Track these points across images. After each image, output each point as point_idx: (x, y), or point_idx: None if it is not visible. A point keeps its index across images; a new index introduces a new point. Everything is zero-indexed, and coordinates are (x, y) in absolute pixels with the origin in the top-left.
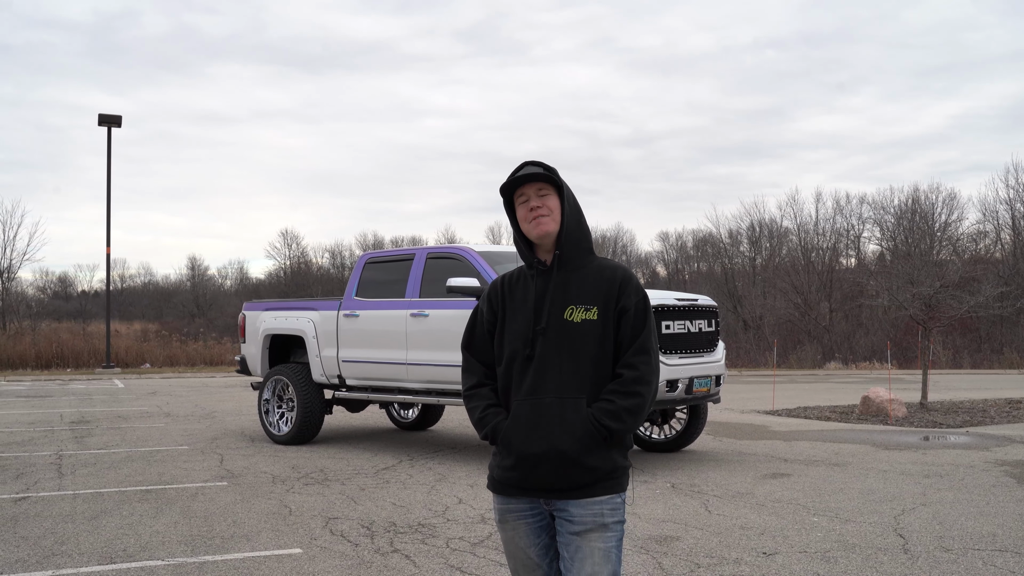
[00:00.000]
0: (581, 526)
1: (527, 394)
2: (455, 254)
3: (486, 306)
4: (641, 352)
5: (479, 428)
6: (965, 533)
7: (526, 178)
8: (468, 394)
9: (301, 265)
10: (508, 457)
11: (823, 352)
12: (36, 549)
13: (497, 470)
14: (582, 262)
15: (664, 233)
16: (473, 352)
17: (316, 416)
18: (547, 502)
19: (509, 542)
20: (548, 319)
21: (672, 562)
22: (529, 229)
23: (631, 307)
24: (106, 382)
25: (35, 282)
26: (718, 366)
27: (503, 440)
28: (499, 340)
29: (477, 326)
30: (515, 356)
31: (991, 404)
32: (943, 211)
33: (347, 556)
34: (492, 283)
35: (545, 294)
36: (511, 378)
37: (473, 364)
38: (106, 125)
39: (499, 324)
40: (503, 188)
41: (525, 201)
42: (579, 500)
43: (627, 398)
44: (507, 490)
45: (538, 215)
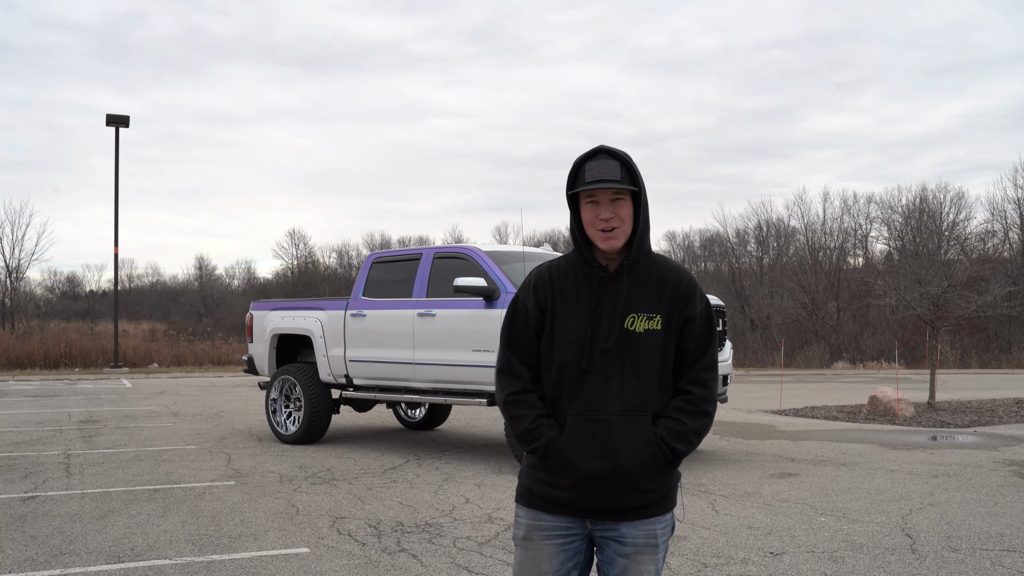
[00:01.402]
0: (632, 547)
1: (586, 410)
2: (462, 254)
3: (532, 301)
4: (709, 367)
5: (526, 440)
6: (973, 533)
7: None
8: (512, 399)
9: (308, 265)
10: (561, 476)
11: (830, 352)
12: (44, 548)
13: (540, 485)
14: (644, 264)
15: (671, 233)
16: (516, 352)
17: (323, 416)
18: (594, 523)
19: (529, 562)
20: (610, 332)
21: (679, 562)
22: (596, 238)
23: (697, 317)
24: (114, 382)
25: (43, 282)
26: (725, 366)
27: (559, 458)
28: (547, 344)
29: (519, 322)
30: (567, 366)
31: (999, 404)
32: (951, 210)
33: (354, 555)
34: (537, 275)
35: (604, 302)
36: (561, 389)
37: (516, 366)
38: (114, 125)
39: (548, 326)
40: (571, 181)
41: (594, 203)
42: (633, 521)
43: (696, 418)
44: (550, 507)
45: (610, 227)
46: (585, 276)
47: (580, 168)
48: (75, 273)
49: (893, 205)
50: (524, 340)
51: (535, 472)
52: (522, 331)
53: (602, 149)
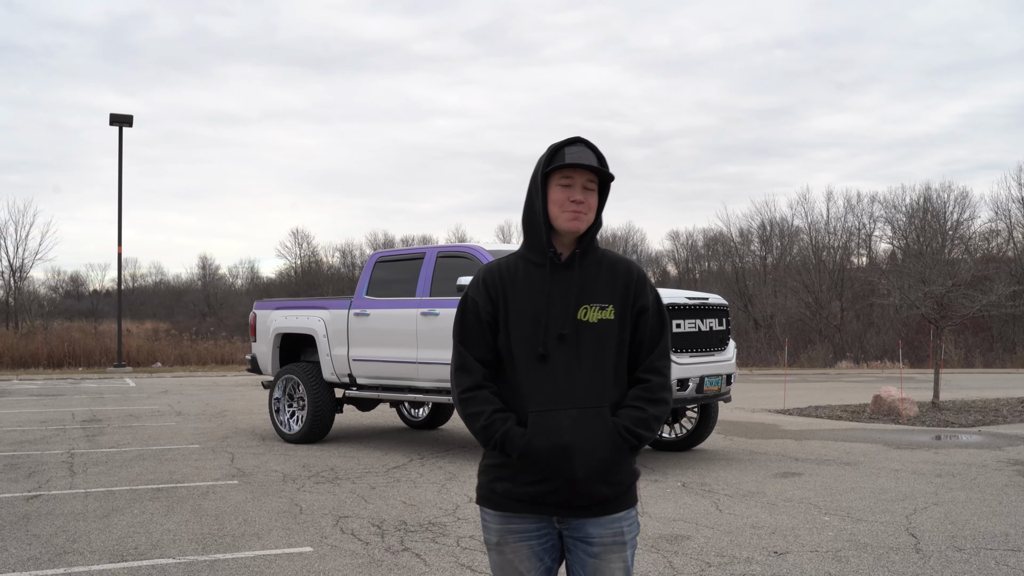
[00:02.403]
0: (600, 547)
1: (546, 403)
2: (465, 253)
3: (482, 296)
4: (663, 355)
5: (484, 435)
6: (977, 532)
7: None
8: (466, 396)
9: (312, 264)
10: (524, 472)
11: (834, 351)
12: (48, 547)
13: (502, 484)
14: (594, 256)
15: (675, 232)
16: (470, 348)
17: (327, 415)
18: (561, 520)
19: (506, 566)
20: (565, 319)
21: (683, 561)
22: (561, 219)
23: (650, 307)
24: (117, 381)
25: (47, 281)
26: (729, 365)
27: (523, 453)
28: (504, 337)
29: (469, 318)
30: (524, 359)
31: (1003, 403)
32: (955, 210)
33: (358, 555)
34: (486, 271)
35: (557, 289)
36: (519, 383)
37: (470, 362)
38: (117, 125)
39: (501, 319)
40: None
41: (568, 186)
42: (598, 519)
43: (655, 405)
44: (515, 506)
45: (578, 211)
46: (536, 266)
47: (559, 151)
48: (79, 272)
49: (897, 204)
50: (476, 336)
51: (495, 470)
52: (473, 326)
53: (581, 139)
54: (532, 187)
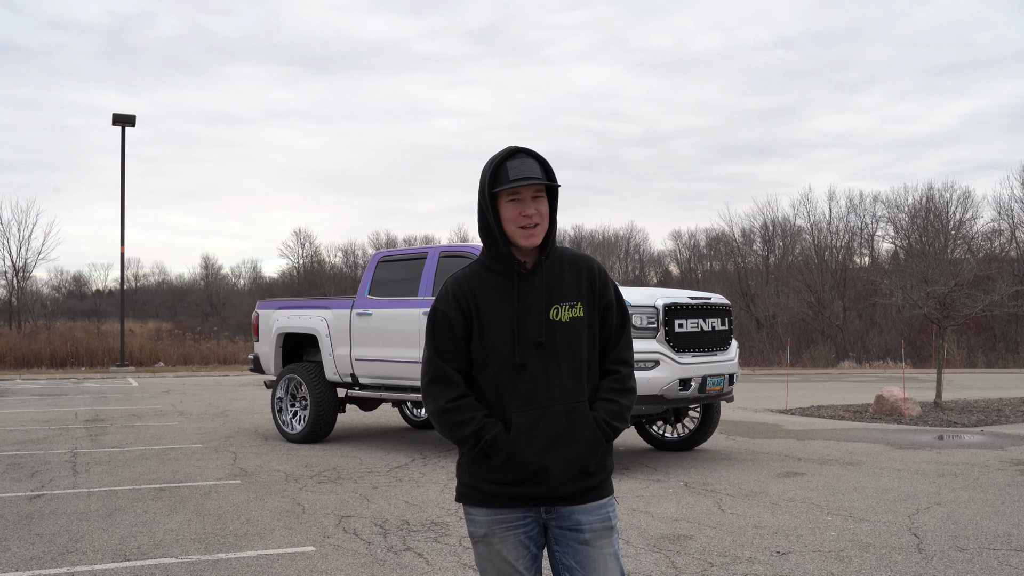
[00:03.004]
0: (590, 533)
1: (527, 403)
2: (468, 253)
3: (454, 310)
4: (628, 345)
5: (473, 441)
6: (980, 532)
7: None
8: (451, 406)
9: (314, 264)
10: (512, 471)
11: (837, 351)
12: (51, 546)
13: (489, 484)
14: (556, 257)
15: (677, 232)
16: (447, 360)
17: (329, 415)
18: (548, 510)
19: (494, 556)
20: (539, 325)
21: (685, 561)
22: (516, 235)
23: (614, 301)
24: (120, 381)
25: (50, 281)
26: (731, 365)
27: (509, 455)
28: (479, 346)
29: (442, 330)
30: (503, 364)
31: (1006, 403)
32: (957, 209)
33: (360, 554)
34: (454, 283)
35: (527, 297)
36: (501, 387)
37: (450, 373)
38: (120, 125)
39: (475, 329)
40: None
41: (517, 201)
42: (584, 506)
43: (626, 396)
44: (504, 502)
45: (532, 223)
46: (501, 275)
47: (500, 167)
48: (81, 272)
49: (899, 204)
50: (452, 347)
51: (481, 471)
52: (447, 339)
53: (519, 149)
54: (482, 203)
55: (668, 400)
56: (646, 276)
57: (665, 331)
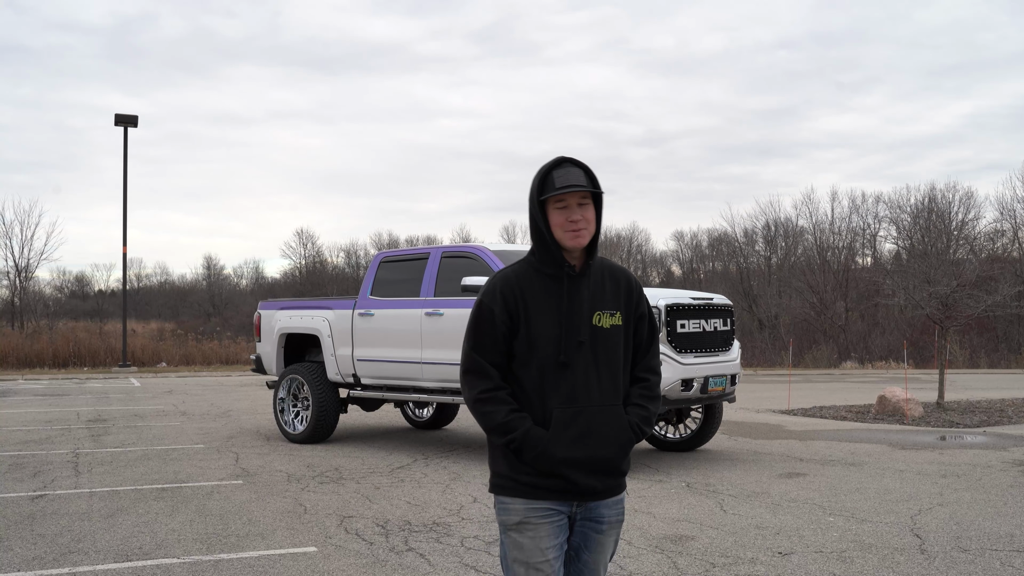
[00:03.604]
0: (608, 525)
1: (568, 402)
2: (470, 253)
3: (499, 306)
4: (656, 354)
5: (502, 432)
6: (982, 533)
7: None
8: (484, 396)
9: (316, 264)
10: (547, 464)
11: (839, 352)
12: (53, 547)
13: (527, 475)
14: (598, 265)
15: (679, 232)
16: (483, 353)
17: (331, 415)
18: (579, 504)
19: (528, 544)
20: (581, 327)
21: (687, 561)
22: (564, 239)
23: (646, 312)
24: (122, 381)
25: (52, 281)
26: (733, 365)
27: (543, 451)
28: (524, 343)
29: (485, 325)
30: (547, 361)
31: (1008, 404)
32: (960, 210)
33: (362, 555)
34: (503, 281)
35: (573, 300)
36: (544, 384)
37: (485, 366)
38: (122, 125)
39: (522, 327)
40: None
41: (564, 208)
42: (606, 501)
43: (654, 402)
44: (540, 493)
45: (578, 228)
46: (549, 277)
47: (548, 175)
48: (84, 273)
49: (902, 204)
50: (491, 342)
51: (519, 463)
52: (488, 334)
53: (566, 159)
54: (532, 211)
55: (670, 400)
56: (648, 276)
57: (667, 331)
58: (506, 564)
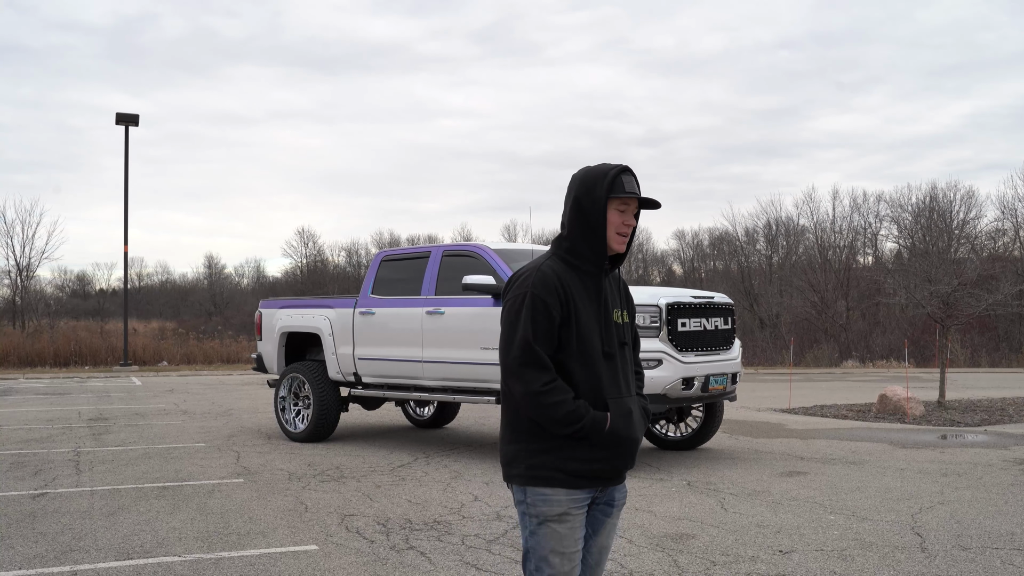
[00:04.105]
0: (617, 508)
1: (617, 391)
2: (471, 252)
3: (553, 298)
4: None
5: (570, 421)
6: (983, 532)
7: (632, 195)
8: (547, 388)
9: (317, 263)
10: (605, 450)
11: (840, 350)
12: (54, 545)
13: (576, 463)
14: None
15: (680, 231)
16: (541, 344)
17: (332, 414)
18: (603, 489)
19: (567, 535)
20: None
21: (688, 560)
22: (613, 240)
23: (636, 311)
24: (124, 380)
25: (53, 280)
26: (734, 364)
27: (612, 432)
28: (575, 337)
29: (541, 319)
30: (593, 355)
31: (1009, 403)
32: (961, 209)
33: (363, 553)
34: (551, 273)
35: (604, 296)
36: (597, 375)
37: (544, 358)
38: (123, 124)
39: (572, 320)
40: (609, 188)
41: (623, 211)
42: (619, 485)
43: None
44: (583, 483)
45: (627, 232)
46: (588, 273)
47: (617, 178)
48: (85, 272)
49: (903, 203)
50: (547, 334)
51: (567, 452)
52: (544, 326)
53: (629, 168)
54: (589, 206)
55: (671, 399)
56: (649, 275)
57: (668, 330)
58: (537, 557)
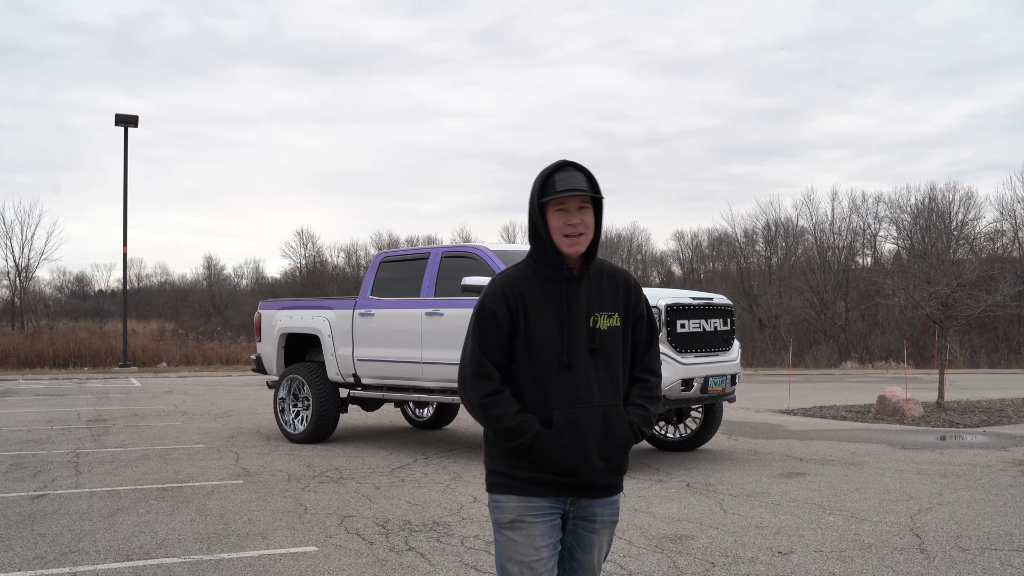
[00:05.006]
0: (601, 524)
1: (571, 403)
2: (470, 253)
3: (502, 307)
4: (656, 355)
5: (512, 435)
6: (982, 533)
7: (563, 193)
8: (489, 400)
9: (317, 264)
10: (552, 464)
11: (839, 351)
12: (53, 546)
13: (524, 471)
14: (597, 267)
15: (679, 232)
16: (487, 354)
17: (331, 415)
18: (574, 502)
19: (523, 542)
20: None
21: (687, 561)
22: (563, 244)
23: (645, 313)
24: (123, 381)
25: (52, 281)
26: (733, 365)
27: (549, 450)
28: (523, 345)
29: (488, 326)
30: (546, 364)
31: (1008, 404)
32: (960, 210)
33: (362, 554)
34: (504, 281)
35: (572, 303)
36: (542, 386)
37: (488, 368)
38: (123, 125)
39: (522, 328)
40: (540, 193)
41: (563, 211)
42: (602, 500)
43: (654, 403)
44: (536, 490)
45: (576, 232)
46: (548, 279)
47: (549, 178)
48: (84, 272)
49: (902, 204)
50: (494, 344)
51: (516, 460)
52: (492, 335)
53: (568, 163)
54: (532, 213)
55: (670, 400)
56: (649, 276)
57: (667, 331)
58: (500, 563)
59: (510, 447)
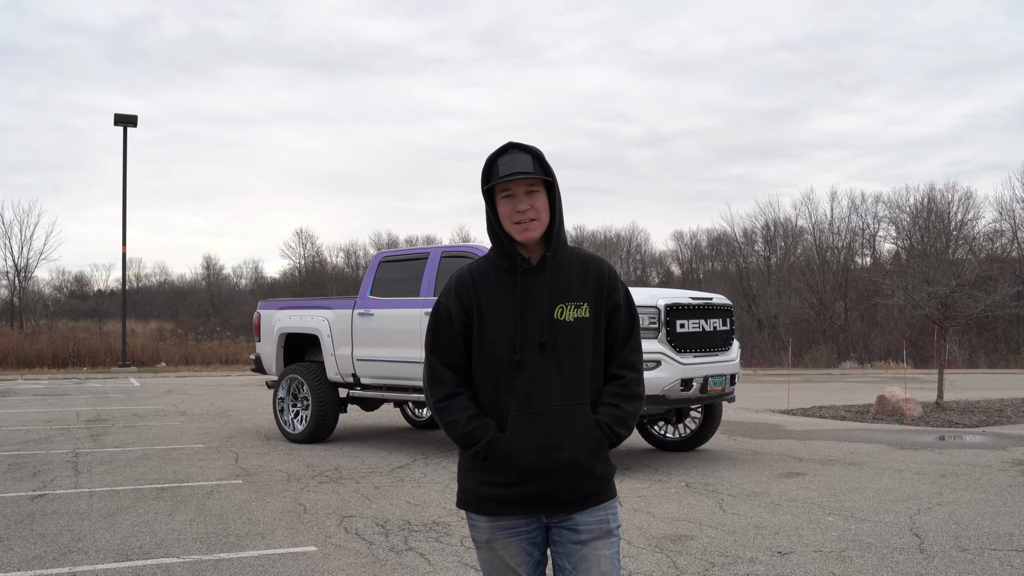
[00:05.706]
0: (587, 535)
1: (525, 402)
2: (469, 253)
3: (454, 304)
4: (636, 350)
5: (466, 442)
6: (981, 533)
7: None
8: (441, 405)
9: (316, 264)
10: (508, 472)
11: (838, 351)
12: (53, 546)
13: (487, 488)
14: (564, 255)
15: (679, 232)
16: (440, 356)
17: (331, 415)
18: (549, 516)
19: (498, 562)
20: (541, 324)
21: (687, 561)
22: (513, 231)
23: (622, 303)
24: (122, 381)
25: (52, 281)
26: (733, 365)
27: (503, 455)
28: (478, 343)
29: (442, 326)
30: (501, 362)
31: (1007, 404)
32: (959, 210)
33: (362, 554)
34: (458, 278)
35: (530, 295)
36: (498, 384)
37: (441, 370)
38: (122, 125)
39: (475, 326)
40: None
41: (510, 197)
42: (585, 509)
43: (631, 402)
44: (504, 509)
45: (527, 218)
46: (506, 272)
47: (493, 164)
48: (83, 272)
49: (901, 205)
50: (448, 343)
51: (476, 474)
52: (446, 335)
53: (512, 144)
54: (485, 202)
55: (670, 400)
56: (648, 276)
57: (667, 331)
58: None
59: (468, 454)
